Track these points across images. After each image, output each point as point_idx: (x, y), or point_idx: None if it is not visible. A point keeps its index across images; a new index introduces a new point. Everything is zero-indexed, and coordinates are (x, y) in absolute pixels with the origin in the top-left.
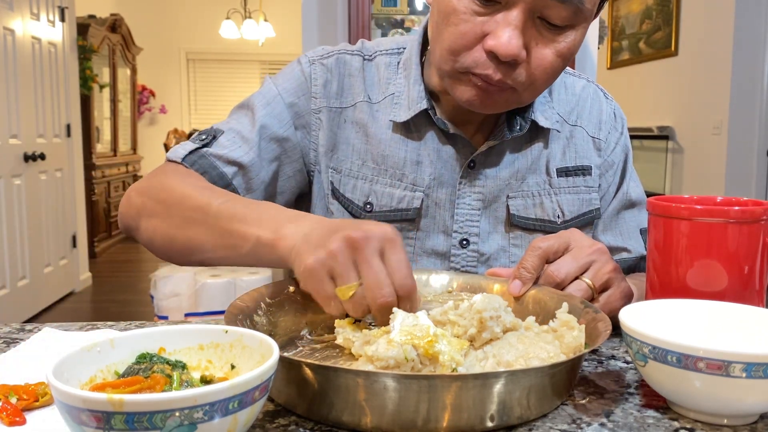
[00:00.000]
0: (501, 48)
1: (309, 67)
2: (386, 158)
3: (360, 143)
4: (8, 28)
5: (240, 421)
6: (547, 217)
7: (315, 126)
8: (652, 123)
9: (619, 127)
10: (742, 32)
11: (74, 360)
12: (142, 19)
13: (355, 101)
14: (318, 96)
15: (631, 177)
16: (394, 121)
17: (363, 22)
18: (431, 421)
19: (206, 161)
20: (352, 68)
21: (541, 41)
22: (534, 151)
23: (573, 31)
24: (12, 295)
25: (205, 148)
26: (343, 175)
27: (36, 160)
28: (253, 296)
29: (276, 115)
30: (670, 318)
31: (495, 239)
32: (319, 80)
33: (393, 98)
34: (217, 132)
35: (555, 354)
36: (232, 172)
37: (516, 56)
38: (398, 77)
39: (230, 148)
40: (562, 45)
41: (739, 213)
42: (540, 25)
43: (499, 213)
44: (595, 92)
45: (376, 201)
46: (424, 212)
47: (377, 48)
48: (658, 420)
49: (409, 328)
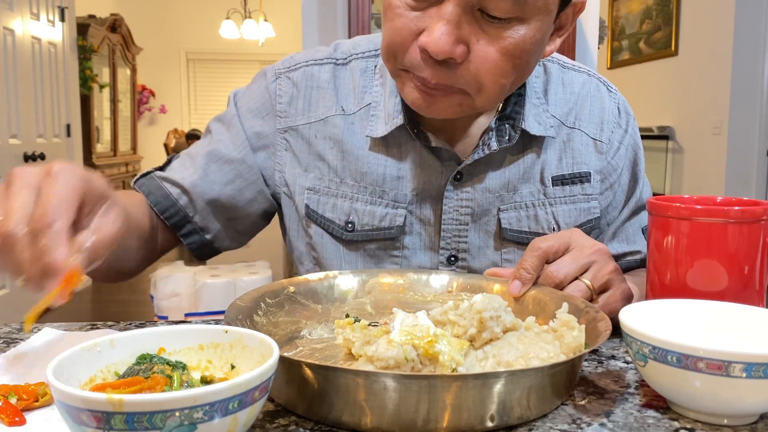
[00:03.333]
0: (431, 45)
1: (274, 83)
2: (365, 175)
3: (336, 160)
4: (8, 28)
5: (240, 421)
6: (541, 230)
7: (280, 146)
8: (652, 123)
9: (623, 123)
10: (742, 32)
11: (74, 360)
12: (142, 19)
13: (326, 115)
14: (283, 115)
15: (644, 182)
16: (371, 137)
17: (363, 22)
18: (431, 421)
19: (153, 182)
20: (320, 81)
21: (483, 37)
22: (527, 160)
23: (522, 26)
24: (12, 295)
25: (157, 171)
26: (321, 194)
27: (36, 160)
28: (253, 296)
29: (231, 138)
30: (670, 318)
31: (486, 254)
32: (284, 97)
33: (369, 109)
34: (175, 156)
35: (555, 354)
36: (176, 192)
37: (449, 54)
38: (374, 84)
39: (177, 170)
40: (507, 41)
41: (739, 213)
42: (481, 19)
43: (489, 227)
44: (597, 87)
45: (357, 220)
46: (408, 229)
47: (353, 51)
48: (658, 420)
49: (409, 328)
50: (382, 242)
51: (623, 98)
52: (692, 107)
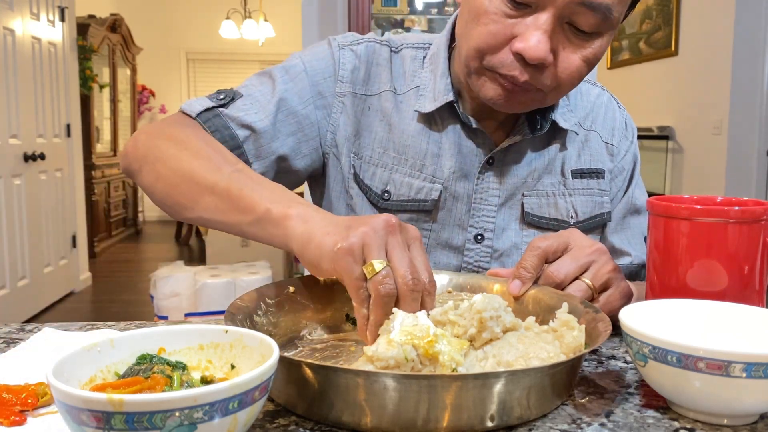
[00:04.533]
0: (529, 51)
1: (339, 51)
2: (407, 148)
3: (382, 132)
4: (8, 28)
5: (240, 421)
6: (560, 216)
7: (337, 109)
8: (652, 123)
9: (629, 136)
10: (742, 32)
11: (74, 360)
12: (142, 19)
13: (381, 90)
14: (344, 80)
15: (637, 183)
16: (419, 112)
17: (363, 22)
18: (431, 421)
19: (220, 121)
20: (380, 57)
21: (569, 46)
22: (551, 152)
23: (600, 38)
24: (12, 295)
25: (221, 108)
26: (363, 161)
27: (36, 160)
28: (253, 296)
29: (297, 91)
30: (670, 318)
31: (509, 236)
32: (348, 65)
33: (418, 90)
34: (236, 95)
35: (555, 354)
36: (244, 135)
37: (543, 59)
38: (424, 71)
39: (246, 111)
40: (588, 51)
41: (739, 213)
42: (568, 31)
43: (514, 210)
44: (609, 100)
45: (394, 190)
46: (442, 205)
47: (404, 41)
48: (658, 420)
49: (409, 329)
50: (415, 213)
51: (629, 115)
52: (692, 107)
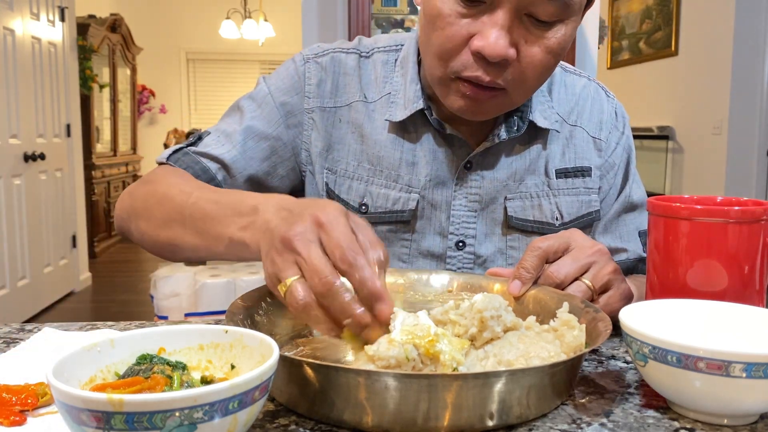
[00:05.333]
0: (488, 49)
1: (303, 66)
2: (381, 159)
3: (355, 144)
4: (8, 28)
5: (240, 421)
6: (545, 219)
7: (307, 126)
8: (652, 123)
9: (620, 126)
10: (742, 32)
11: (74, 360)
12: (142, 19)
13: (351, 101)
14: (311, 95)
15: (634, 180)
16: (390, 121)
17: (363, 22)
18: (432, 420)
19: (189, 158)
20: (347, 67)
21: (530, 39)
22: (532, 152)
23: (562, 26)
24: (12, 295)
25: (190, 147)
26: (338, 175)
27: (36, 160)
28: (253, 296)
29: (265, 115)
30: (670, 318)
31: (492, 241)
32: (313, 79)
33: (390, 97)
34: (204, 134)
35: (555, 353)
36: (215, 167)
37: (504, 56)
38: (395, 75)
39: (213, 146)
40: (551, 41)
41: (739, 213)
42: (528, 23)
43: (496, 215)
44: (596, 91)
45: (371, 202)
46: (420, 214)
47: (375, 45)
48: (658, 420)
49: (409, 328)
50: (393, 225)
51: (620, 104)
52: (692, 107)
